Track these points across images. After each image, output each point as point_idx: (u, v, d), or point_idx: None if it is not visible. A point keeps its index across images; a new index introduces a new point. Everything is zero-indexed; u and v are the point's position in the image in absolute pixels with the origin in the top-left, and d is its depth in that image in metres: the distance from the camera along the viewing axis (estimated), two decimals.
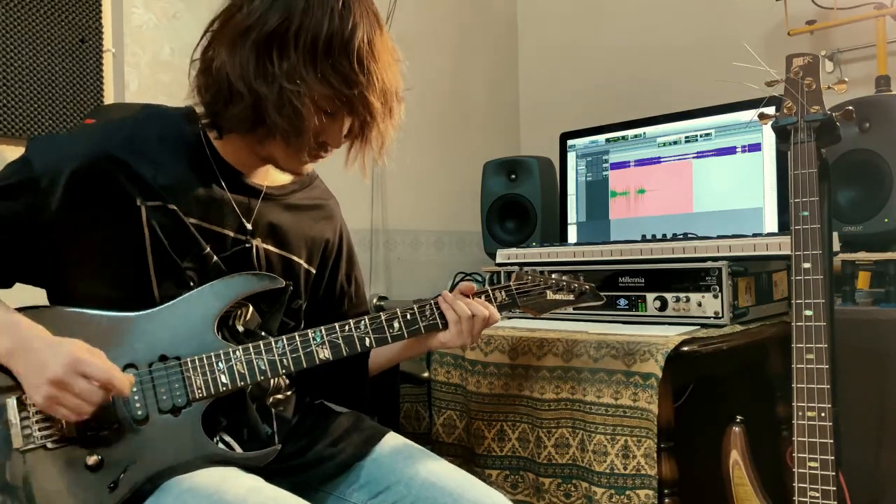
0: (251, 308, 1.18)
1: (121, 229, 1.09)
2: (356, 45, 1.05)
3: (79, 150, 1.10)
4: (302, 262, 1.26)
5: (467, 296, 1.26)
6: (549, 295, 1.32)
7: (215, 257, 1.14)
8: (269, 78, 1.04)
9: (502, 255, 1.90)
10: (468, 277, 2.52)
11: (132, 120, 1.16)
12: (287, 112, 1.05)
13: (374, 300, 2.30)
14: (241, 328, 1.17)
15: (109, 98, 1.97)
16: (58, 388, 0.99)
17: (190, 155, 1.15)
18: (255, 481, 1.06)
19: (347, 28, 1.05)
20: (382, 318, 1.18)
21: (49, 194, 1.07)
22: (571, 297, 1.35)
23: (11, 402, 1.03)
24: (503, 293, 1.28)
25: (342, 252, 1.36)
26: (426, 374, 1.69)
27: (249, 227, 1.18)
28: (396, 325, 1.19)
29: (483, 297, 1.26)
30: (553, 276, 1.34)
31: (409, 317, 1.20)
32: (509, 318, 1.81)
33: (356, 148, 1.16)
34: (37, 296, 1.16)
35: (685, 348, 1.39)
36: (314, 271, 1.30)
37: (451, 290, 1.19)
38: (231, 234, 1.16)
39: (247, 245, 1.17)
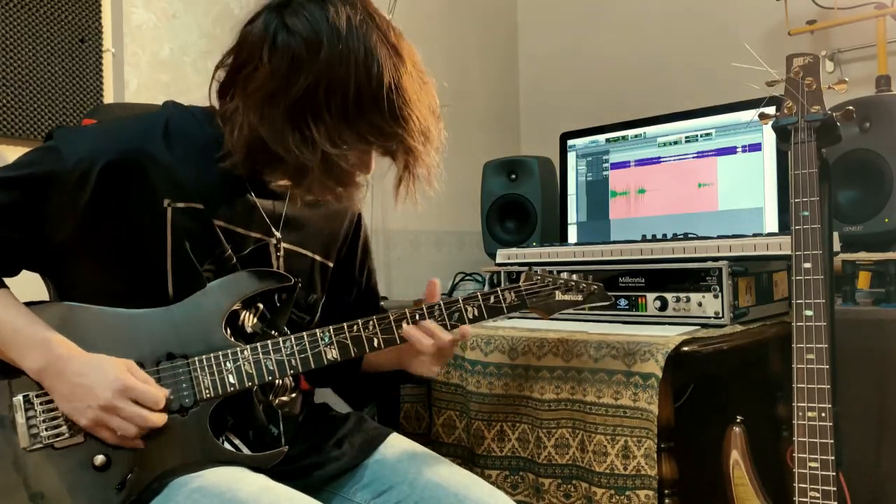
0: (260, 306, 1.17)
1: (143, 227, 1.08)
2: (384, 94, 1.02)
3: (113, 143, 1.08)
4: (318, 257, 1.26)
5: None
6: (559, 295, 1.30)
7: (234, 258, 1.13)
8: (309, 144, 1.03)
9: (502, 255, 1.90)
10: (468, 277, 2.52)
11: (165, 116, 1.13)
12: (335, 173, 1.06)
13: None
14: (249, 327, 1.16)
15: (109, 98, 1.97)
16: (106, 413, 1.00)
17: (217, 158, 1.12)
18: (266, 481, 1.06)
19: (374, 78, 1.02)
20: (391, 318, 1.17)
21: (80, 187, 1.04)
22: (580, 297, 1.32)
23: (18, 401, 1.03)
24: (513, 294, 1.26)
25: (358, 241, 1.37)
26: None
27: (278, 234, 1.18)
28: (405, 326, 1.17)
29: (493, 297, 1.24)
30: (563, 275, 1.33)
31: (416, 317, 1.18)
32: (509, 317, 1.80)
33: (405, 185, 1.13)
34: (35, 287, 1.16)
35: (685, 348, 1.39)
36: (331, 265, 1.30)
37: (451, 291, 1.19)
38: (256, 236, 1.16)
39: (264, 243, 1.17)
